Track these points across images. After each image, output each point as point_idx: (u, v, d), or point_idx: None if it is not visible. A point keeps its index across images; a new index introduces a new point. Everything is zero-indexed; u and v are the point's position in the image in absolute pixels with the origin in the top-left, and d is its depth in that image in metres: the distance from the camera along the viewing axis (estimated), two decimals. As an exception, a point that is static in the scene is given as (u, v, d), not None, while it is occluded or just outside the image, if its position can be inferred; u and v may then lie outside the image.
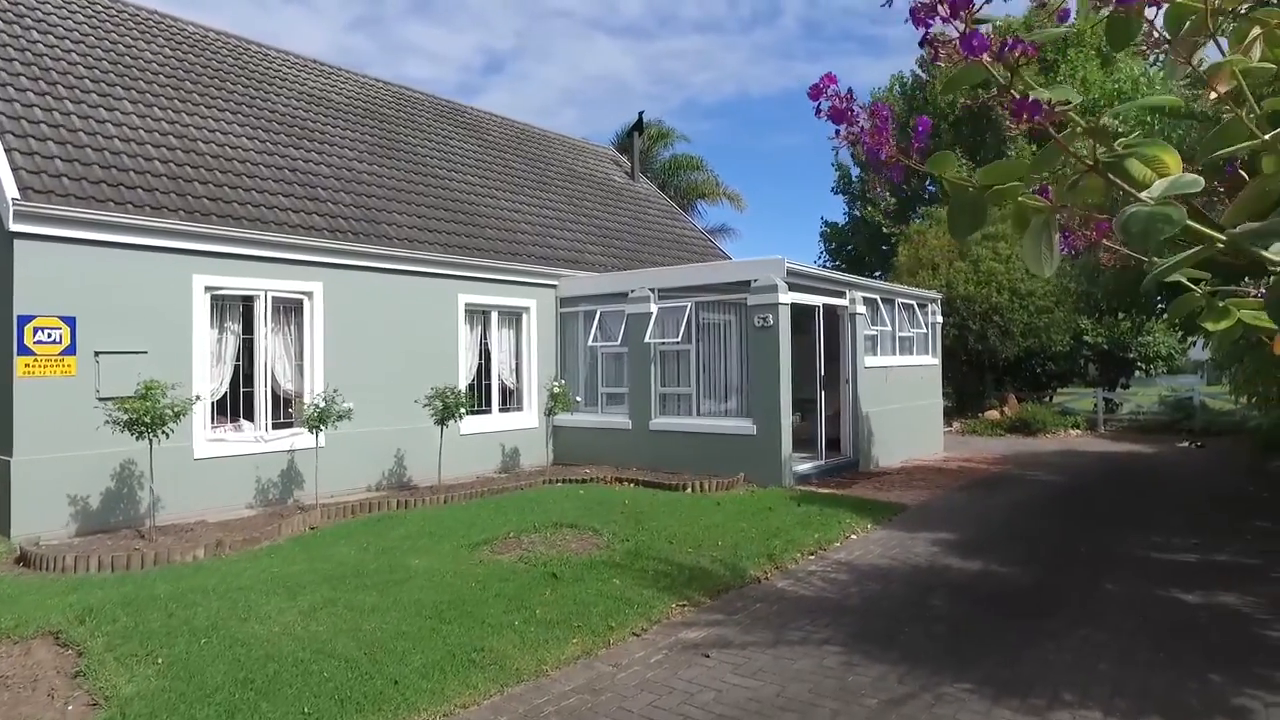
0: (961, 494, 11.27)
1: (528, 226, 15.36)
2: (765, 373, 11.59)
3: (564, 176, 19.04)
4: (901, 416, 15.01)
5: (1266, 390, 6.89)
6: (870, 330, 14.07)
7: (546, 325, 14.27)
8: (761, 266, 11.87)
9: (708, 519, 8.87)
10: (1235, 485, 12.02)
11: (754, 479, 11.55)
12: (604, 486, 11.35)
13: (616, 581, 6.53)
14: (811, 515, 9.17)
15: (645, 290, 13.03)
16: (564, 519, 8.75)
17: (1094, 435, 20.44)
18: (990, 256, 20.84)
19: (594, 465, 13.30)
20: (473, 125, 18.32)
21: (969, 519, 9.51)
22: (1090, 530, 8.84)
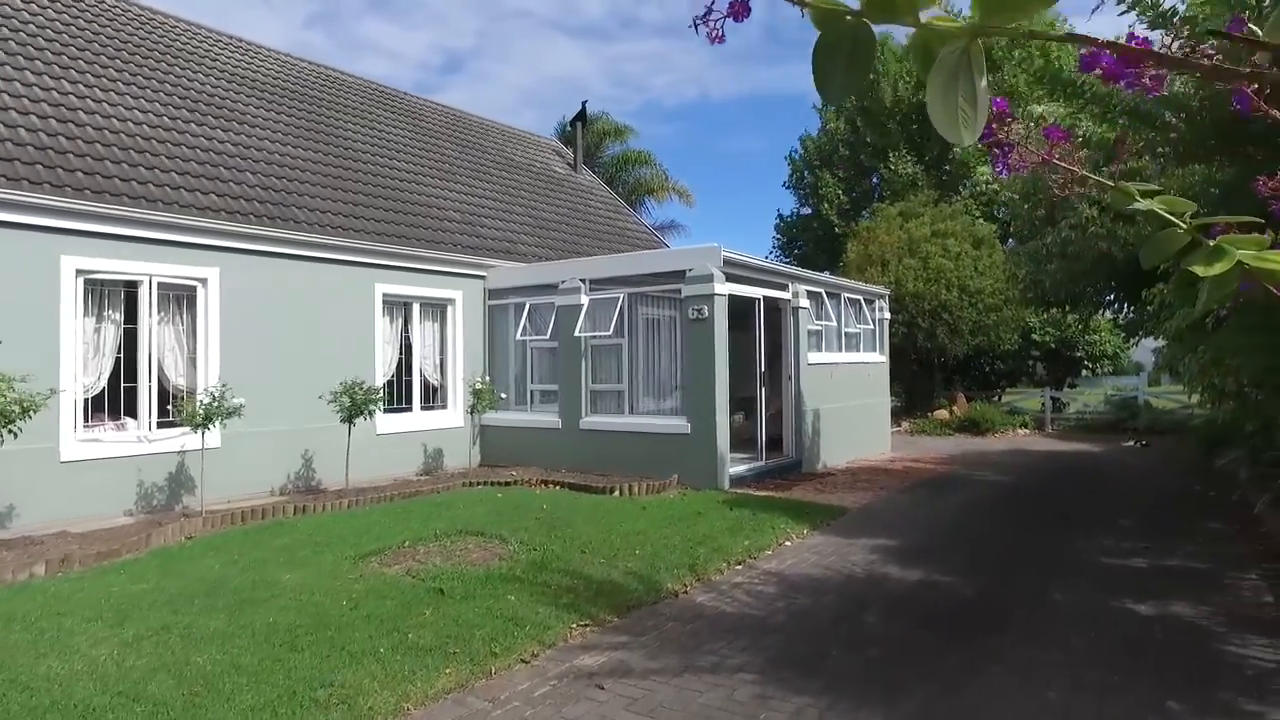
0: (906, 496, 10.71)
1: (457, 215, 14.52)
2: (700, 368, 10.92)
3: (501, 166, 18.22)
4: (847, 415, 14.46)
5: (1222, 382, 6.39)
6: (814, 325, 13.49)
7: (474, 318, 13.45)
8: (696, 255, 11.20)
9: (630, 525, 8.15)
10: (1181, 484, 11.66)
11: (688, 481, 10.88)
12: (527, 489, 10.58)
13: (512, 598, 5.77)
14: (744, 520, 8.50)
15: (576, 281, 12.28)
16: (471, 526, 7.97)
17: (1042, 434, 20.20)
18: (940, 254, 20.48)
19: (522, 467, 12.52)
20: (408, 111, 17.40)
21: (912, 523, 8.94)
22: (1038, 533, 8.31)
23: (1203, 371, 6.58)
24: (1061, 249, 9.53)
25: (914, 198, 23.20)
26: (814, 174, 29.76)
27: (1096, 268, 9.32)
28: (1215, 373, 6.32)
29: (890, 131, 27.36)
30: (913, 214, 21.90)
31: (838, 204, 28.13)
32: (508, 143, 20.00)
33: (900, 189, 25.54)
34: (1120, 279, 9.27)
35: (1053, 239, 9.62)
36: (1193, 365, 6.82)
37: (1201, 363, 6.54)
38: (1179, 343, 7.45)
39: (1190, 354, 7.01)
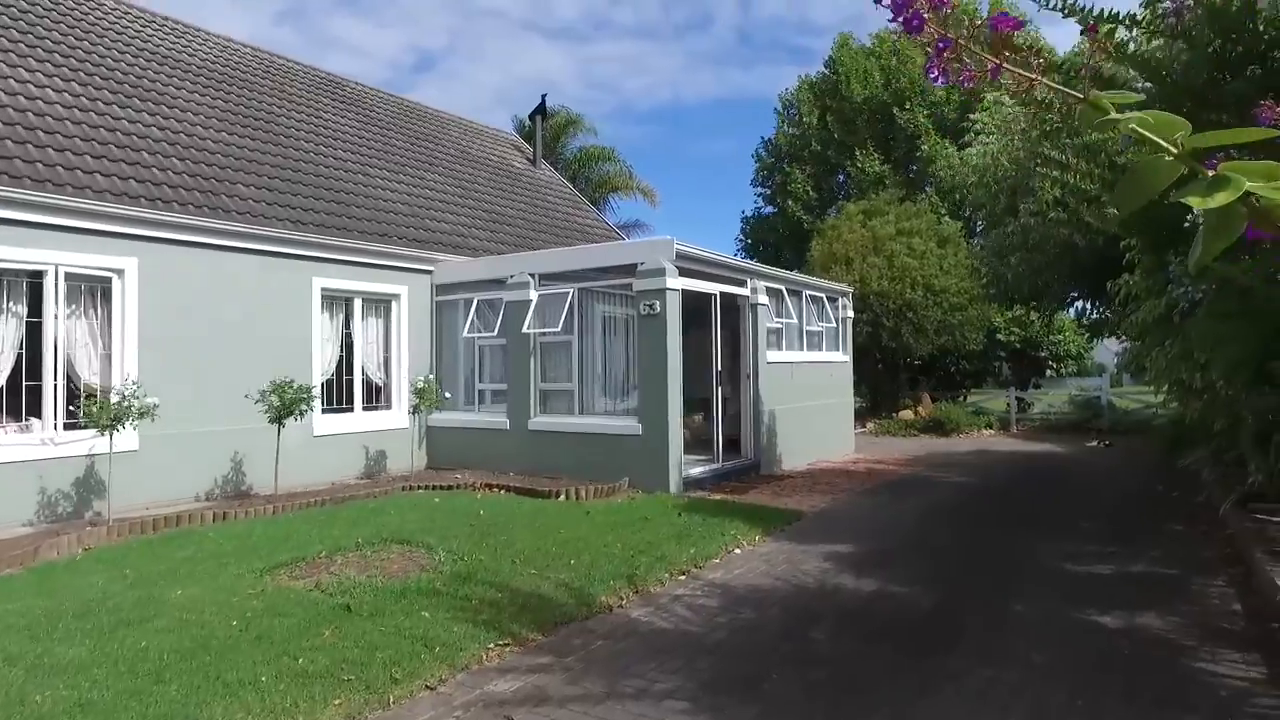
0: (866, 499, 10.31)
1: (403, 207, 13.92)
2: (652, 367, 10.44)
3: (454, 158, 17.63)
4: (808, 415, 14.06)
5: (1190, 378, 6.02)
6: (774, 323, 13.07)
7: (420, 314, 12.87)
8: (648, 248, 10.73)
9: (570, 532, 7.65)
10: (1145, 484, 11.39)
11: (639, 484, 10.40)
12: (468, 494, 10.03)
13: (426, 615, 5.24)
14: (693, 526, 8.03)
15: (525, 276, 11.75)
16: (399, 533, 7.42)
17: (1007, 435, 19.99)
18: (904, 252, 20.20)
19: (469, 469, 11.99)
20: (354, 100, 16.76)
21: (870, 528, 8.52)
22: (1000, 538, 7.93)
23: (1170, 367, 6.21)
24: (1023, 239, 9.18)
25: (877, 196, 22.93)
26: (782, 170, 29.45)
27: (1059, 259, 8.97)
28: (1183, 368, 5.95)
29: (858, 129, 27.12)
30: (877, 212, 21.62)
31: (805, 200, 27.83)
32: (464, 136, 19.41)
33: (867, 187, 25.30)
34: (1084, 271, 8.93)
35: (1013, 227, 9.25)
36: (1159, 360, 6.44)
37: (1169, 358, 6.17)
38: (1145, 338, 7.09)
39: (1157, 349, 6.64)
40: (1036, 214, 8.49)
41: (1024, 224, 8.88)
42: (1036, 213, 8.47)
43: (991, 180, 9.23)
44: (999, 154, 8.73)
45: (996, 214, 9.64)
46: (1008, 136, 8.34)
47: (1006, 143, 8.46)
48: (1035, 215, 8.54)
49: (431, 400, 11.52)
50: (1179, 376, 5.95)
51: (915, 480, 12.06)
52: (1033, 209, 8.49)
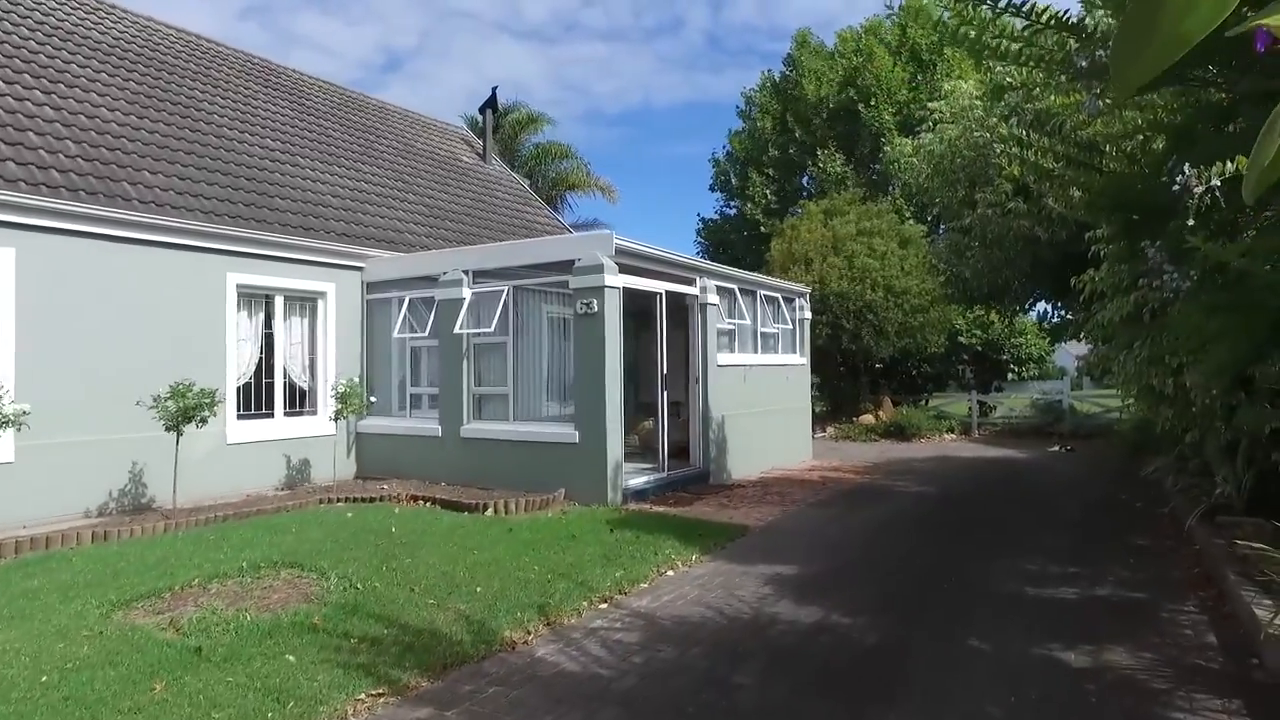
0: (818, 511, 9.69)
1: (334, 200, 13.10)
2: (589, 370, 9.75)
3: (397, 151, 16.81)
4: (763, 421, 13.45)
5: (1161, 384, 5.47)
6: (725, 324, 12.44)
7: (350, 314, 12.07)
8: (585, 243, 10.06)
9: (486, 552, 6.93)
10: (1108, 493, 10.91)
11: (577, 496, 9.70)
12: (389, 507, 9.27)
13: (291, 659, 4.50)
14: (624, 544, 7.35)
15: (458, 273, 11.01)
16: (294, 555, 6.66)
17: (968, 439, 19.57)
18: (865, 252, 19.71)
19: (400, 479, 11.24)
20: (290, 89, 15.87)
21: (819, 544, 7.89)
22: (957, 556, 7.34)
23: (1139, 372, 5.65)
24: (981, 233, 8.61)
25: (838, 195, 22.46)
26: (740, 174, 28.93)
27: (1019, 256, 8.42)
28: (1153, 373, 5.40)
29: (817, 129, 26.67)
30: (838, 211, 21.12)
31: (764, 203, 27.31)
32: (409, 129, 18.58)
33: (829, 188, 24.83)
34: (1046, 269, 8.39)
35: (970, 220, 8.67)
36: (1127, 365, 5.88)
37: (1138, 361, 5.61)
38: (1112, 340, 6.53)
39: (1125, 352, 6.07)
40: (995, 205, 7.92)
41: (981, 215, 8.30)
42: (995, 204, 7.89)
43: (948, 169, 8.66)
44: (957, 140, 8.17)
45: (954, 207, 9.07)
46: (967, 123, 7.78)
47: (965, 129, 7.90)
48: (993, 206, 7.96)
49: (356, 405, 10.72)
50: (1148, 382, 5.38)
51: (871, 490, 11.49)
52: (991, 199, 7.91)
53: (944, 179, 8.83)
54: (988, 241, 8.52)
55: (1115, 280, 5.54)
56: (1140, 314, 5.40)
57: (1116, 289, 5.68)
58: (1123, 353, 5.79)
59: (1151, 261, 3.64)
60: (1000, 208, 7.83)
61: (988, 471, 13.71)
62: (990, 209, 8.03)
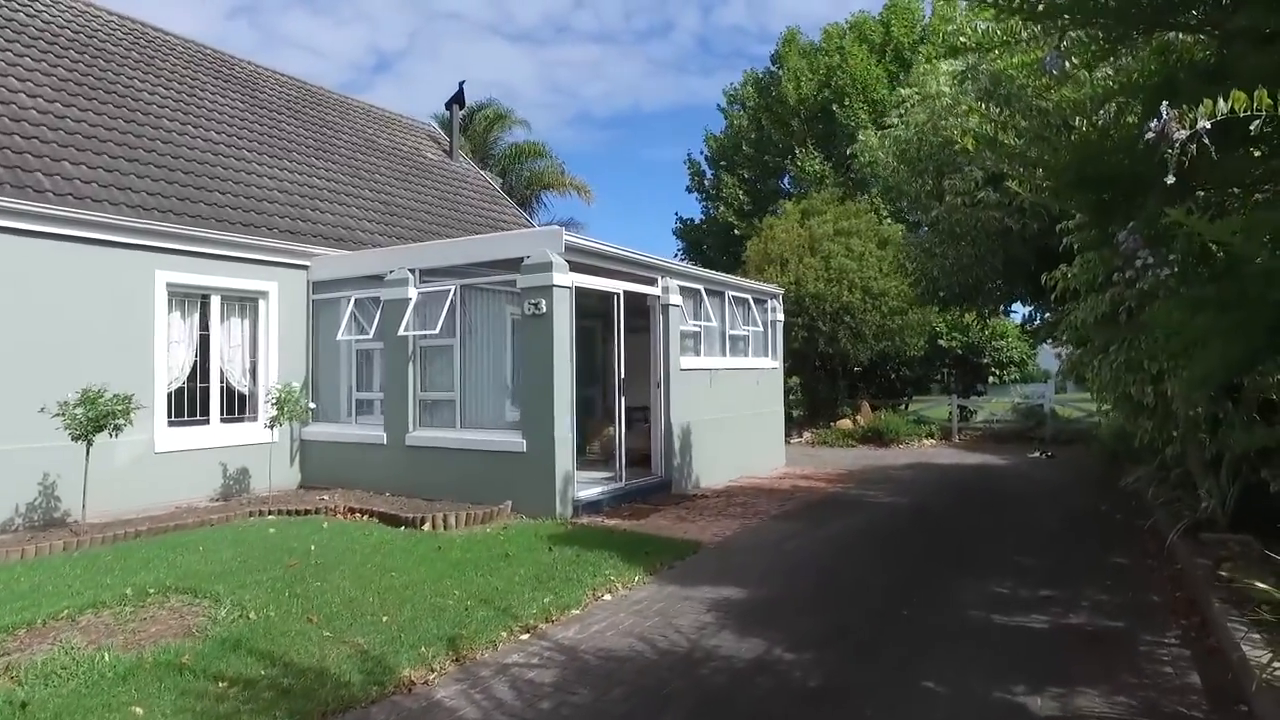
0: (781, 524, 9.13)
1: (281, 195, 12.47)
2: (537, 374, 9.17)
3: (356, 147, 16.19)
4: (731, 427, 12.89)
5: (1139, 393, 4.94)
6: (689, 325, 11.88)
7: (294, 314, 11.44)
8: (533, 240, 9.50)
9: (407, 574, 6.34)
10: (1087, 504, 10.38)
11: (524, 508, 9.13)
12: (320, 520, 8.67)
13: (139, 710, 3.90)
14: (562, 564, 6.77)
15: (404, 271, 10.41)
16: (191, 579, 6.05)
17: (948, 444, 19.08)
18: (842, 253, 19.19)
19: (345, 489, 10.66)
20: (243, 81, 15.22)
21: (776, 563, 7.33)
22: (922, 577, 6.79)
23: (1115, 379, 5.11)
24: (949, 227, 8.03)
25: (816, 195, 21.96)
26: (715, 175, 28.41)
27: (991, 252, 7.86)
28: (1130, 380, 4.86)
29: (794, 129, 26.18)
30: (815, 211, 20.62)
31: (737, 205, 26.78)
32: (371, 124, 17.96)
33: (807, 188, 24.34)
34: (1019, 266, 7.83)
35: (938, 213, 8.08)
36: (1103, 370, 5.34)
37: (1114, 367, 5.07)
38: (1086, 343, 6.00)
39: (1099, 356, 5.53)
40: (963, 194, 7.35)
41: (949, 205, 7.71)
42: (963, 193, 7.33)
43: (915, 158, 8.09)
44: (924, 126, 7.60)
45: (921, 200, 8.51)
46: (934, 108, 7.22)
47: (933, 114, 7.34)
48: (962, 196, 7.39)
49: (294, 411, 10.09)
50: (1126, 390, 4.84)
51: (841, 500, 10.94)
52: (959, 188, 7.35)
53: (911, 169, 8.26)
54: (956, 236, 7.96)
55: (1089, 276, 5.00)
56: (1116, 314, 4.86)
57: (1090, 286, 5.15)
58: (1098, 357, 5.25)
59: (1124, 247, 3.11)
60: (969, 197, 7.26)
61: (964, 480, 13.20)
62: (958, 198, 7.45)
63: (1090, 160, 2.95)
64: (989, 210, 6.96)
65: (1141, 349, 4.43)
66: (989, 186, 6.82)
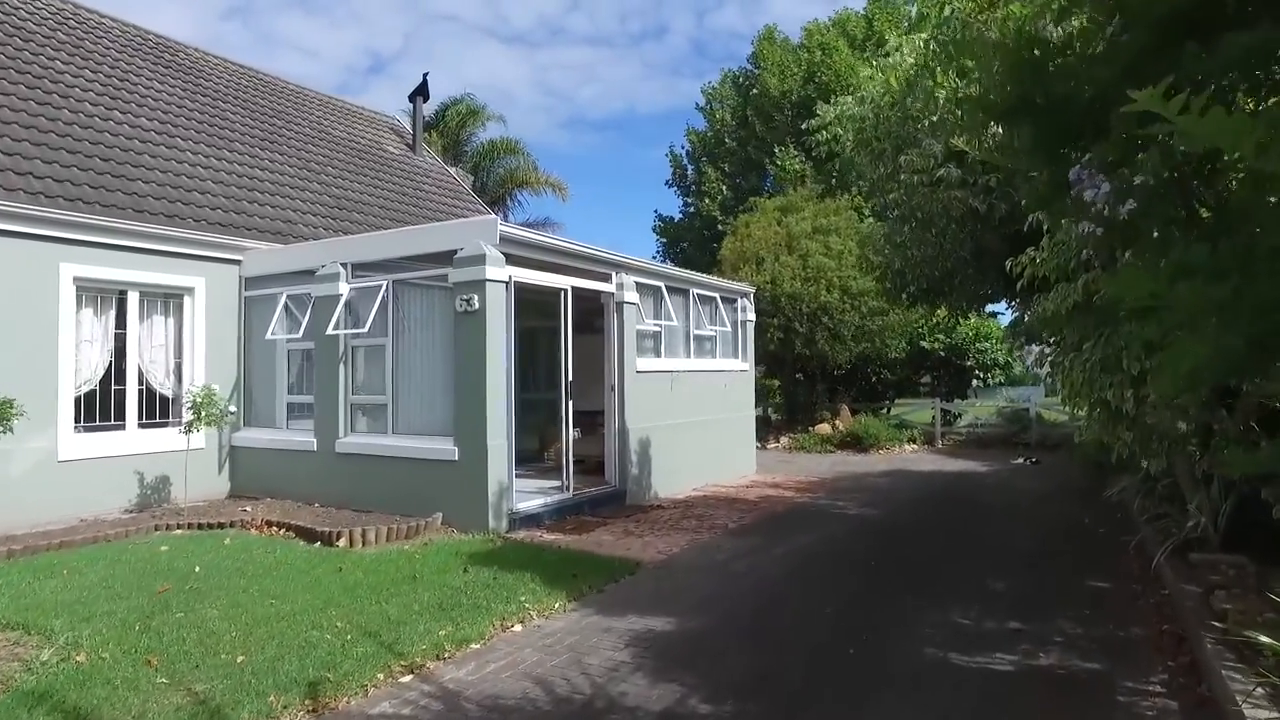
0: (736, 540, 8.39)
1: (216, 186, 11.69)
2: (470, 377, 8.42)
3: (308, 138, 15.41)
4: (695, 433, 12.16)
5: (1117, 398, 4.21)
6: (648, 325, 11.14)
7: (223, 312, 10.68)
8: (466, 231, 8.78)
9: (288, 602, 5.57)
10: (1069, 516, 9.66)
11: (456, 521, 8.38)
12: (230, 536, 7.88)
13: None
14: (473, 589, 6.02)
15: (335, 266, 9.66)
16: (30, 611, 5.28)
17: (930, 450, 18.37)
18: (821, 251, 18.47)
19: (275, 498, 9.92)
20: (186, 68, 14.42)
21: (718, 587, 6.58)
22: (879, 603, 6.05)
23: (1089, 382, 4.39)
24: (908, 208, 7.25)
25: (794, 191, 21.27)
26: (697, 169, 27.71)
27: (958, 239, 7.08)
28: (1107, 383, 4.14)
29: (778, 125, 25.50)
30: (793, 208, 19.92)
31: (720, 199, 26.07)
32: (329, 115, 17.19)
33: (788, 185, 23.64)
34: (990, 255, 7.04)
35: (896, 197, 7.28)
36: (1075, 371, 4.61)
37: (1088, 366, 4.35)
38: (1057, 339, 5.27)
39: (1072, 354, 4.80)
40: (921, 172, 6.58)
41: (906, 185, 6.91)
42: (921, 170, 6.55)
43: (873, 136, 7.32)
44: (881, 100, 6.85)
45: (880, 183, 7.73)
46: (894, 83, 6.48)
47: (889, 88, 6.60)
48: (920, 174, 6.60)
49: (212, 415, 9.31)
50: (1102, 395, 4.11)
51: (808, 512, 10.20)
52: (916, 165, 6.55)
53: (869, 151, 7.50)
54: (921, 223, 7.18)
55: (1059, 261, 4.28)
56: (1090, 303, 4.14)
57: (1061, 273, 4.42)
58: (1069, 356, 4.53)
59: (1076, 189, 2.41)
60: (927, 175, 6.47)
61: (942, 489, 12.48)
62: (915, 176, 6.65)
63: (1032, 75, 2.24)
64: (951, 190, 6.19)
65: (1119, 345, 3.72)
66: (951, 162, 6.07)
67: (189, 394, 9.33)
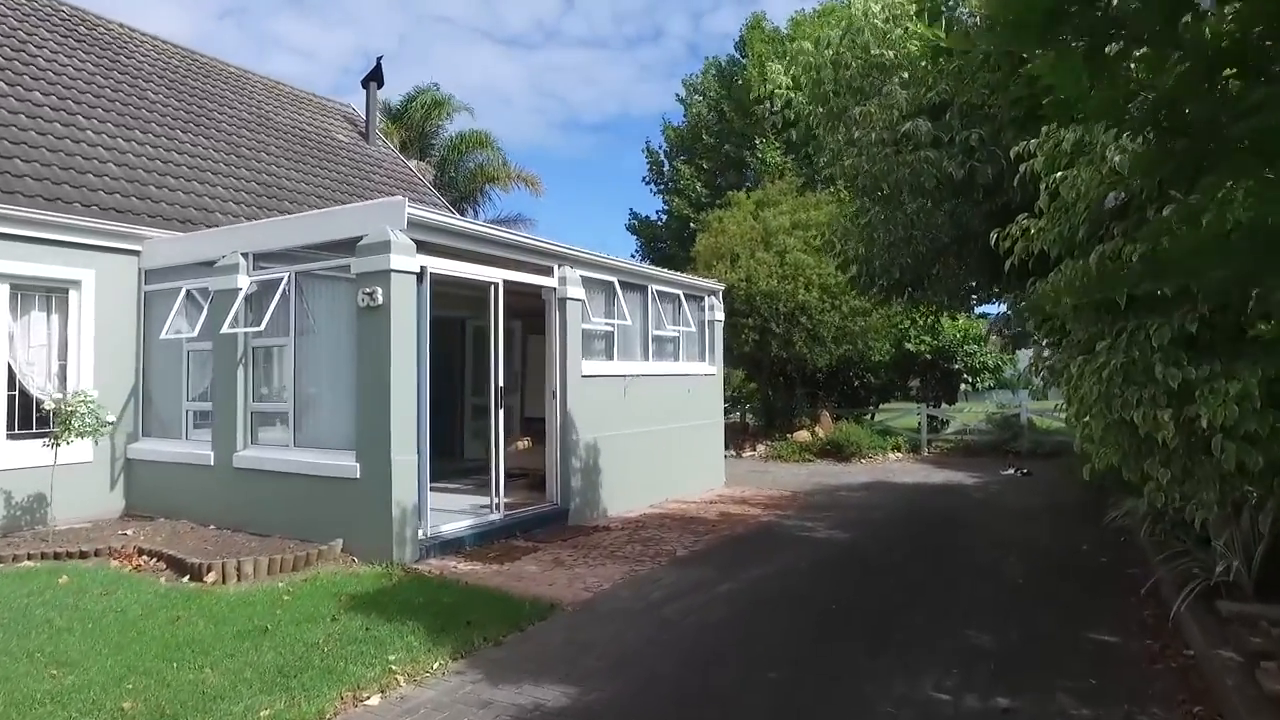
0: (680, 571, 7.24)
1: (119, 169, 10.50)
2: (373, 382, 7.27)
3: (244, 123, 14.23)
4: (653, 444, 11.02)
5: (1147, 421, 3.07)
6: (597, 324, 10.01)
7: (119, 309, 9.50)
8: (369, 214, 7.62)
9: (86, 667, 4.42)
10: (1065, 542, 8.55)
11: (358, 549, 7.24)
12: (93, 566, 6.73)
13: None
14: (334, 644, 4.86)
15: (236, 256, 8.49)
16: None
17: (915, 459, 17.26)
18: (799, 247, 17.36)
19: (171, 518, 8.79)
20: (105, 44, 13.22)
21: (641, 640, 5.43)
22: (833, 667, 4.91)
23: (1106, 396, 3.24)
24: (871, 183, 5.99)
25: (771, 185, 20.17)
26: (672, 165, 26.62)
27: (931, 216, 5.90)
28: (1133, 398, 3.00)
29: (758, 118, 24.42)
30: (771, 202, 18.81)
31: (694, 196, 24.96)
32: (272, 101, 16.01)
33: (768, 179, 22.55)
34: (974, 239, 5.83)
35: (853, 163, 5.98)
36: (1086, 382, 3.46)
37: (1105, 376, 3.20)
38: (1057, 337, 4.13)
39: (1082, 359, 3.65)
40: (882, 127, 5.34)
41: (863, 143, 5.63)
42: (883, 124, 5.32)
43: (831, 92, 6.10)
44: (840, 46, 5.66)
45: (840, 150, 6.53)
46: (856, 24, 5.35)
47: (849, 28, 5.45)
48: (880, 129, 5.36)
49: (86, 426, 8.13)
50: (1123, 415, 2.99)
51: (771, 535, 9.07)
52: (875, 116, 5.31)
53: (828, 112, 6.30)
54: (883, 198, 5.97)
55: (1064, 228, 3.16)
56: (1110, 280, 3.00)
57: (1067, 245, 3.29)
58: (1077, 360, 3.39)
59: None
60: (890, 131, 5.24)
61: (924, 506, 11.37)
62: (872, 132, 5.39)
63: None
64: (923, 150, 5.00)
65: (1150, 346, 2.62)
66: (921, 115, 4.89)
67: (54, 400, 8.14)
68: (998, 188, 4.80)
